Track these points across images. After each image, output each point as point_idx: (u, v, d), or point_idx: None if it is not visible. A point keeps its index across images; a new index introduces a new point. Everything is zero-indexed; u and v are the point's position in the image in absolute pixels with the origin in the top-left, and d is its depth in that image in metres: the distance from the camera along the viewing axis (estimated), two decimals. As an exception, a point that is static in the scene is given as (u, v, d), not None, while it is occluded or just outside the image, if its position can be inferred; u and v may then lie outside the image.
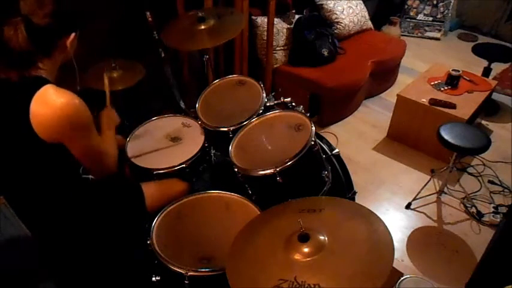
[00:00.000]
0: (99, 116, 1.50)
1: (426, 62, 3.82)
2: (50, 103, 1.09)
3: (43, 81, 1.12)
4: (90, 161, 1.26)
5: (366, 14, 3.67)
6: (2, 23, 1.06)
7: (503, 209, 2.42)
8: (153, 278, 1.27)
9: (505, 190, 2.59)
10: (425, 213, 2.46)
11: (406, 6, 4.45)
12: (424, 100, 2.74)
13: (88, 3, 1.81)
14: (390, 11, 4.34)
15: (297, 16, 3.16)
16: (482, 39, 4.46)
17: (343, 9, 3.44)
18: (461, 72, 2.83)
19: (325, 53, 3.11)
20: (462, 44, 4.42)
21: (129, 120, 2.18)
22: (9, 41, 1.07)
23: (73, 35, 1.19)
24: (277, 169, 1.39)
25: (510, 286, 1.33)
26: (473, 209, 2.45)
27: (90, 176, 1.40)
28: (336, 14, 3.40)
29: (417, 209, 2.48)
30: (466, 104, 2.69)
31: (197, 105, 1.90)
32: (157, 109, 2.05)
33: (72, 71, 1.26)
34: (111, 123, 1.53)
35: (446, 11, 4.36)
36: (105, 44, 2.28)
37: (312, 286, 0.94)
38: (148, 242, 1.31)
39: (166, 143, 1.77)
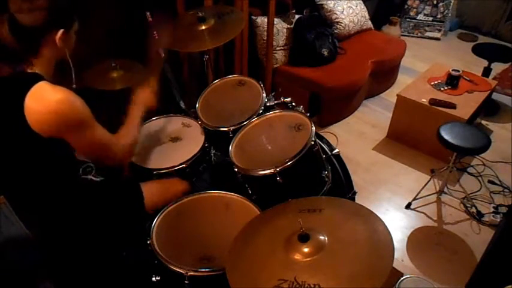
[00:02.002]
0: (136, 91, 1.44)
1: (426, 62, 3.82)
2: (45, 100, 1.08)
3: (37, 78, 1.11)
4: (93, 155, 1.26)
5: (366, 14, 3.66)
6: None
7: (503, 209, 2.42)
8: (153, 278, 1.27)
9: (505, 190, 2.59)
10: (425, 213, 2.46)
11: (406, 6, 4.45)
12: (424, 100, 2.74)
13: (88, 3, 1.81)
14: (390, 11, 4.34)
15: (297, 16, 3.16)
16: (482, 39, 4.46)
17: (343, 9, 3.44)
18: (461, 72, 2.83)
19: (325, 53, 3.11)
20: (462, 44, 4.42)
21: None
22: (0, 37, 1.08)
23: (61, 31, 1.15)
24: (277, 169, 1.39)
25: (510, 286, 1.33)
26: (473, 209, 2.44)
27: (90, 177, 1.39)
28: (336, 14, 3.40)
29: (417, 209, 2.48)
30: (466, 104, 2.69)
31: (197, 105, 1.90)
32: (157, 109, 2.05)
33: (68, 70, 1.25)
34: (144, 103, 1.48)
35: (446, 11, 4.36)
36: (105, 44, 2.28)
37: (312, 286, 0.94)
38: (148, 242, 1.31)
39: (166, 143, 1.77)
